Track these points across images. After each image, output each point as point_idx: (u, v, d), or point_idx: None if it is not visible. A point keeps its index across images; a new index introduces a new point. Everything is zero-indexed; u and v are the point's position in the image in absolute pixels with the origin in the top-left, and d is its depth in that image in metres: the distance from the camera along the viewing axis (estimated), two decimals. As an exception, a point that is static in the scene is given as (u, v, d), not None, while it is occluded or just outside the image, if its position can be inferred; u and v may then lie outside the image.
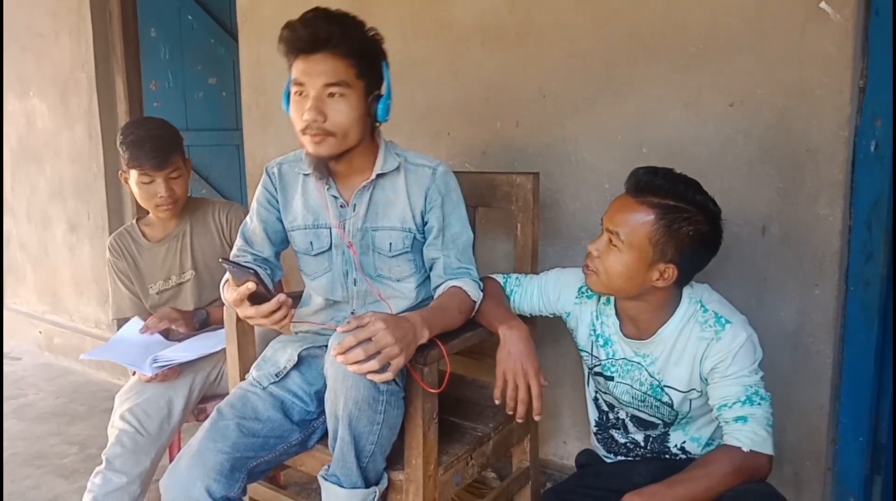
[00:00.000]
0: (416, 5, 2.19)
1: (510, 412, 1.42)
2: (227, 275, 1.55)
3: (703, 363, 1.38)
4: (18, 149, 3.85)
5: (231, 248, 2.10)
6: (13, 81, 3.76)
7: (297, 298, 1.76)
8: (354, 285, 1.60)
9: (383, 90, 1.50)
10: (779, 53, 1.62)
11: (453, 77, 2.14)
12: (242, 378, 1.68)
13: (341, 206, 1.57)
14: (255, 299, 1.30)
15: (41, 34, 3.52)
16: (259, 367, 1.60)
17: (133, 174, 1.98)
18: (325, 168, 1.52)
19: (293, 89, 1.44)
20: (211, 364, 2.02)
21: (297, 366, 1.56)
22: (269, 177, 1.65)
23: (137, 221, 2.17)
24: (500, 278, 1.67)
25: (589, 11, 1.87)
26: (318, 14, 1.41)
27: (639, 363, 1.47)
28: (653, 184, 1.34)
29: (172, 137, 2.01)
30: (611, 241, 1.37)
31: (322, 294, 1.63)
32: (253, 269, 1.29)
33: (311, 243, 1.60)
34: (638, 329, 1.46)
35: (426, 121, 2.21)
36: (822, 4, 1.55)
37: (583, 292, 1.56)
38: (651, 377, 1.45)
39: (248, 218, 1.70)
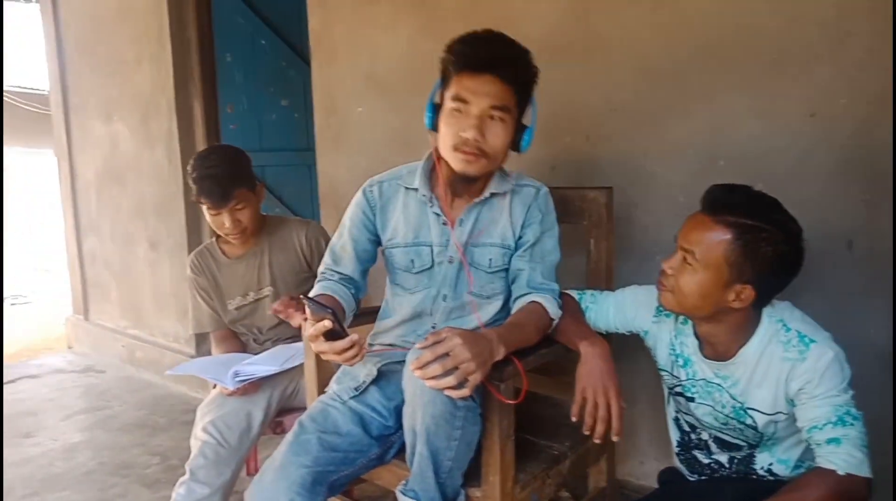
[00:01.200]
0: (482, 22, 2.20)
1: (588, 432, 1.40)
2: (312, 292, 1.60)
3: (788, 385, 1.33)
4: (104, 170, 4.05)
5: (308, 265, 2.18)
6: (99, 105, 3.97)
7: (373, 313, 1.79)
8: (444, 300, 1.61)
9: (529, 121, 1.54)
10: (859, 60, 1.57)
11: (522, 93, 2.15)
12: (320, 393, 1.72)
13: (443, 223, 1.59)
14: (329, 335, 1.34)
15: (125, 62, 3.71)
16: (339, 381, 1.63)
17: (203, 206, 2.07)
18: (457, 186, 1.56)
19: (451, 104, 1.46)
20: (288, 378, 2.07)
21: (375, 381, 1.58)
22: (367, 198, 1.66)
23: (217, 239, 2.25)
24: (574, 294, 1.66)
25: (658, 24, 1.86)
26: (497, 36, 1.46)
27: (719, 384, 1.43)
28: (730, 202, 1.30)
29: (234, 171, 2.03)
30: (685, 259, 1.34)
31: (413, 308, 1.64)
32: (331, 309, 1.32)
33: (413, 260, 1.61)
34: (717, 350, 1.42)
35: (495, 137, 2.22)
36: (907, 9, 1.50)
37: (661, 311, 1.53)
38: (733, 399, 1.41)
39: (336, 236, 1.72)
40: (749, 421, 1.41)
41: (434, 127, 1.53)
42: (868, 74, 1.56)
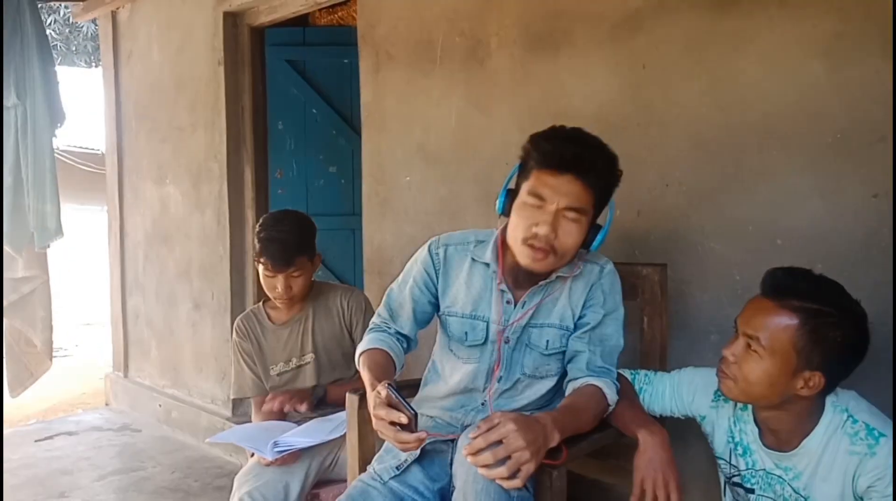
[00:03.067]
0: (534, 99, 2.24)
1: None
2: (366, 342, 1.58)
3: (857, 481, 1.26)
4: (153, 231, 4.14)
5: (349, 333, 2.17)
6: (152, 168, 4.09)
7: (415, 386, 1.76)
8: (498, 381, 1.57)
9: (604, 221, 1.51)
10: (925, 142, 1.53)
11: (571, 167, 2.15)
12: (362, 468, 1.67)
13: (507, 302, 1.55)
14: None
15: (180, 128, 3.84)
16: (381, 459, 1.58)
17: (260, 266, 2.08)
18: (519, 275, 1.52)
19: (527, 198, 1.44)
20: (328, 449, 2.03)
21: (418, 460, 1.53)
22: (432, 258, 1.63)
23: (264, 303, 2.26)
24: (627, 373, 1.61)
25: (714, 100, 1.85)
26: (583, 137, 1.44)
27: (780, 476, 1.36)
28: (794, 286, 1.27)
29: (301, 240, 2.08)
30: (749, 346, 1.30)
31: (464, 381, 1.60)
32: (416, 412, 1.30)
33: (467, 333, 1.58)
34: (778, 440, 1.36)
35: (543, 210, 2.21)
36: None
37: (719, 396, 1.47)
38: (795, 493, 1.33)
39: (397, 288, 1.70)
40: None
41: (505, 212, 1.51)
42: (933, 154, 1.52)
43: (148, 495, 3.04)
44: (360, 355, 1.58)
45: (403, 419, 1.28)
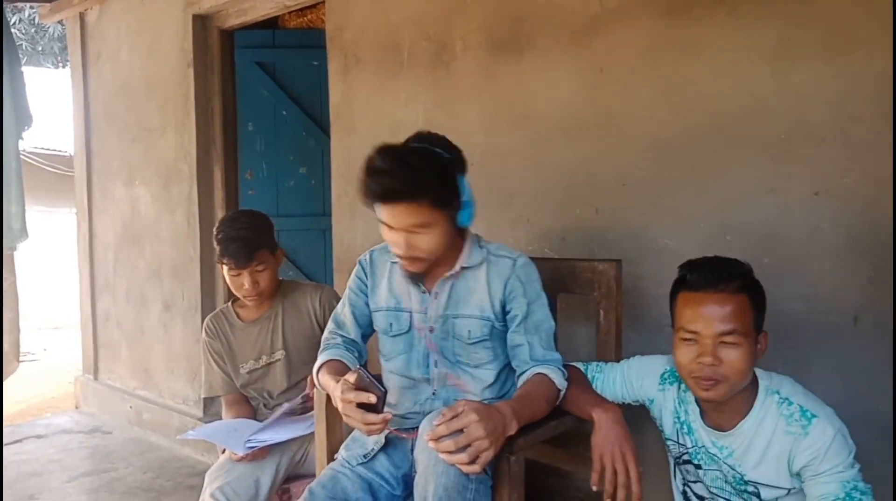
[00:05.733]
0: (498, 101, 2.31)
1: (609, 500, 1.40)
2: (321, 358, 1.63)
3: (793, 461, 1.34)
4: (122, 233, 4.13)
5: (321, 330, 2.21)
6: (122, 169, 4.08)
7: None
8: (436, 366, 1.64)
9: (462, 201, 1.56)
10: (864, 143, 1.63)
11: (534, 167, 2.22)
12: (329, 460, 1.72)
13: (423, 292, 1.64)
14: (364, 405, 1.38)
15: (150, 129, 3.84)
16: (348, 447, 1.64)
17: (224, 267, 2.12)
18: (432, 271, 1.61)
19: (381, 225, 1.52)
20: (297, 445, 2.07)
21: (384, 448, 1.59)
22: (362, 266, 1.76)
23: (233, 302, 2.29)
24: (580, 365, 1.68)
25: (670, 102, 1.93)
26: (390, 166, 1.43)
27: (715, 455, 1.45)
28: (720, 272, 1.38)
29: (259, 235, 2.11)
30: (725, 342, 1.36)
31: (399, 372, 1.68)
32: (385, 390, 1.37)
33: (391, 324, 1.67)
34: (720, 420, 1.44)
35: (506, 209, 2.28)
36: (908, 94, 1.56)
37: (665, 379, 1.56)
38: (732, 469, 1.42)
39: (340, 304, 1.80)
40: (751, 489, 1.41)
41: None
42: (873, 155, 1.61)
43: (119, 495, 3.04)
44: (318, 370, 1.64)
45: (372, 399, 1.34)
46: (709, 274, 1.38)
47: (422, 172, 1.44)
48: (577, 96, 2.12)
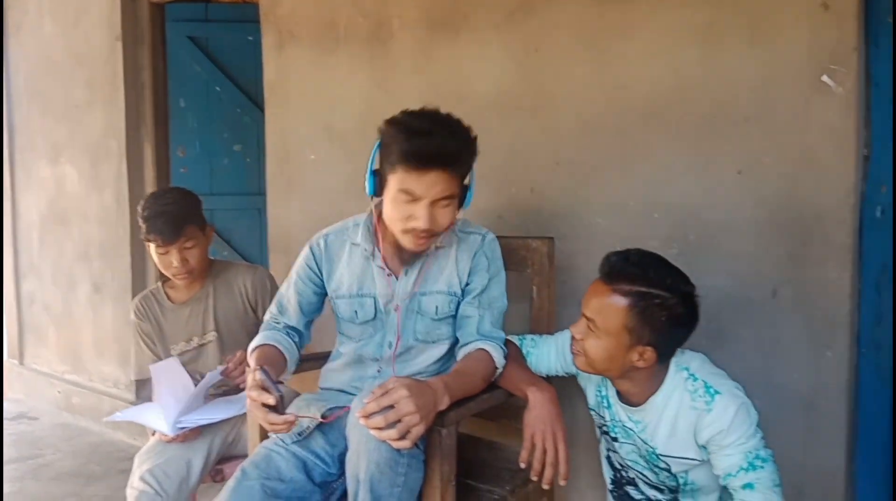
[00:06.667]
0: (435, 79, 2.30)
1: (535, 477, 1.43)
2: (257, 340, 1.61)
3: (698, 434, 1.40)
4: (48, 212, 3.97)
5: (254, 312, 2.18)
6: (47, 147, 3.92)
7: (323, 358, 1.81)
8: (389, 347, 1.64)
9: (468, 181, 1.56)
10: (784, 124, 1.69)
11: (470, 145, 2.22)
12: (262, 439, 1.70)
13: (388, 275, 1.62)
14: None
15: (76, 105, 3.69)
16: (282, 426, 1.62)
17: (151, 246, 2.06)
18: (402, 250, 1.57)
19: (399, 195, 1.46)
20: (230, 425, 2.04)
21: (320, 426, 1.58)
22: (313, 252, 1.70)
23: (163, 283, 2.23)
24: (515, 338, 1.71)
25: (600, 83, 1.96)
26: (440, 126, 1.43)
27: (631, 429, 1.50)
28: (624, 271, 1.38)
29: (186, 210, 2.06)
30: (589, 327, 1.42)
31: (358, 354, 1.67)
32: (281, 393, 1.36)
33: (356, 311, 1.65)
34: (631, 398, 1.49)
35: (444, 187, 2.28)
36: (824, 78, 1.63)
37: None
38: (644, 443, 1.48)
39: (284, 287, 1.76)
40: (662, 465, 1.47)
41: (376, 193, 1.54)
42: (792, 135, 1.67)
43: (46, 482, 2.95)
44: (252, 352, 1.61)
45: (271, 401, 1.34)
46: (608, 266, 1.42)
47: (464, 141, 1.45)
48: (512, 76, 2.13)
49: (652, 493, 1.55)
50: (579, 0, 1.98)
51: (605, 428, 1.58)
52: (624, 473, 1.59)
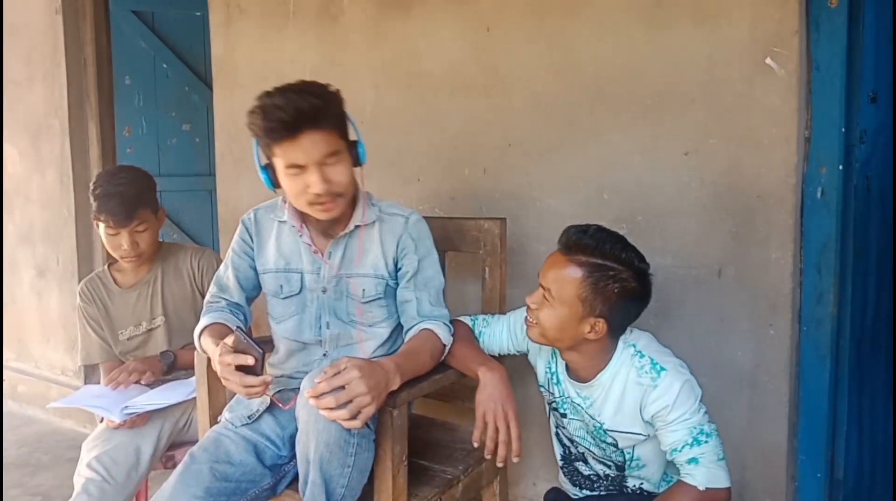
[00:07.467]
0: (387, 58, 2.27)
1: (489, 456, 1.44)
2: (203, 321, 1.58)
3: (644, 409, 1.43)
4: (-13, 194, 3.82)
5: (202, 294, 2.14)
6: (-17, 126, 3.77)
7: (268, 342, 1.78)
8: (328, 328, 1.63)
9: (353, 135, 1.55)
10: (728, 105, 1.71)
11: (423, 126, 2.21)
12: (212, 424, 1.68)
13: (314, 252, 1.61)
14: (242, 368, 1.35)
15: (14, 81, 3.55)
16: (232, 409, 1.61)
17: (101, 225, 2.00)
18: (325, 224, 1.57)
19: (288, 171, 1.46)
20: (180, 411, 2.01)
21: (269, 409, 1.57)
22: (245, 226, 1.70)
23: (109, 266, 2.18)
24: (467, 319, 1.72)
25: (551, 63, 1.96)
26: (293, 90, 1.43)
27: (579, 404, 1.53)
28: (581, 243, 1.41)
29: (140, 192, 2.01)
30: (545, 296, 1.44)
31: (289, 337, 1.66)
32: (262, 351, 1.34)
33: (281, 285, 1.64)
34: (579, 373, 1.52)
35: (396, 167, 2.27)
36: (768, 60, 1.66)
37: None
38: (592, 418, 1.51)
39: (222, 266, 1.74)
40: (609, 440, 1.50)
41: (275, 185, 1.54)
42: (736, 116, 1.70)
43: (-9, 472, 2.88)
44: (199, 335, 1.59)
45: (250, 361, 1.32)
46: (567, 238, 1.44)
47: (320, 98, 1.43)
48: (464, 55, 2.11)
49: (600, 468, 1.58)
50: (531, -22, 1.98)
51: (554, 405, 1.60)
52: (573, 449, 1.62)
